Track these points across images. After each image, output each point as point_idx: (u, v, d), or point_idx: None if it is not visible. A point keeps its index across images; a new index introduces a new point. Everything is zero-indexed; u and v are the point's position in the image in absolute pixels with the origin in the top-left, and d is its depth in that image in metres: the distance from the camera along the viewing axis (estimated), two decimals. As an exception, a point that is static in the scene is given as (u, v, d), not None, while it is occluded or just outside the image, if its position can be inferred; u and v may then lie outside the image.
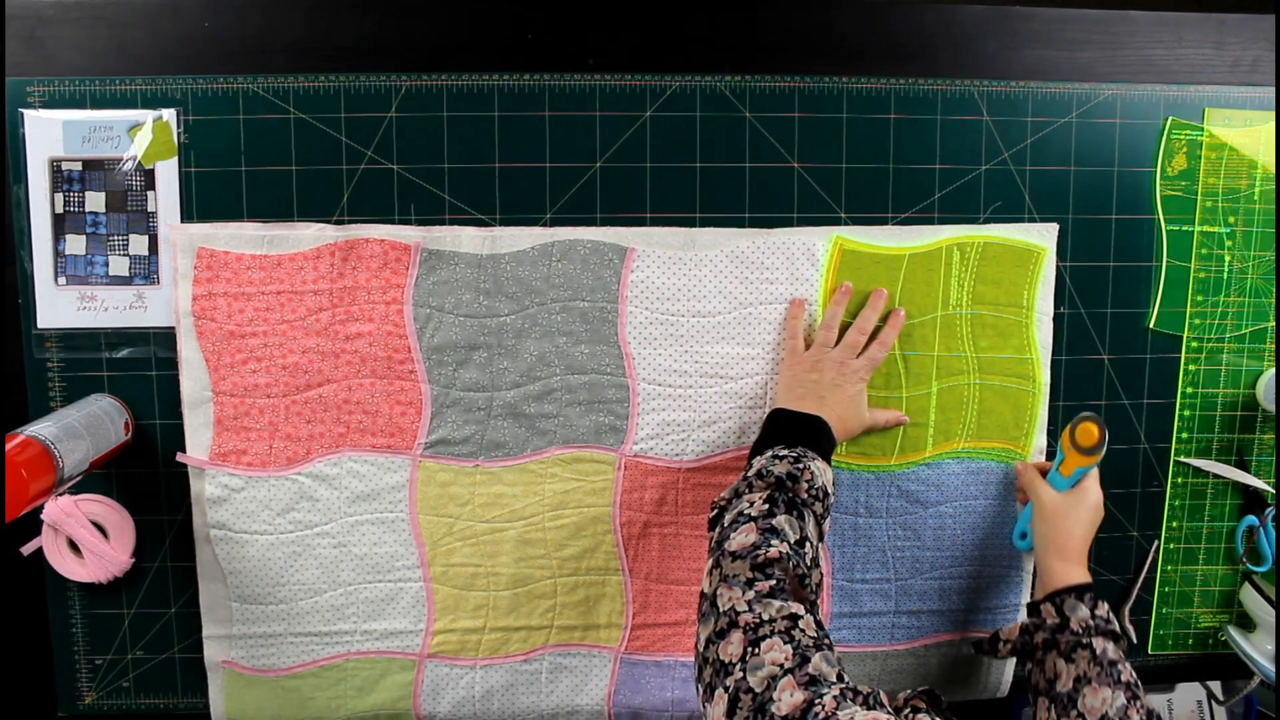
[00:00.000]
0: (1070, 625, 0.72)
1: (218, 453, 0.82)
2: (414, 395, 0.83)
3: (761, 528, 0.64)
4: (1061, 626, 0.72)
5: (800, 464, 0.69)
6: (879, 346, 0.81)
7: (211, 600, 0.84)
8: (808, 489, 0.68)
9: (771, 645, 0.56)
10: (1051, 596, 0.75)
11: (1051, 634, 0.73)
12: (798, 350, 0.82)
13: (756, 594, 0.60)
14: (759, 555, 0.62)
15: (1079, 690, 0.68)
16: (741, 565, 0.62)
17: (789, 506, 0.67)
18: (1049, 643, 0.73)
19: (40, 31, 0.79)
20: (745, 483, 0.70)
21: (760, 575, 0.61)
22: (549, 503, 0.85)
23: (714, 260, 0.83)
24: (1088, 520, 0.79)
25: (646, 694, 0.88)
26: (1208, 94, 0.87)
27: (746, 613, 0.58)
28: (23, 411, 0.81)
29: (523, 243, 0.82)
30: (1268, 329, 0.89)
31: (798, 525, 0.66)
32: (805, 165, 0.84)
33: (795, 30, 0.83)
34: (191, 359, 0.81)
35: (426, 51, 0.81)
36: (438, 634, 0.86)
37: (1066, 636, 0.72)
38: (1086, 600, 0.73)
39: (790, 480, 0.68)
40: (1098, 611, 0.72)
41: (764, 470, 0.69)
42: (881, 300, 0.83)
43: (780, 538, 0.63)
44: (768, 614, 0.58)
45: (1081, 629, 0.71)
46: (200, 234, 0.80)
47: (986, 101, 0.84)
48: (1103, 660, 0.69)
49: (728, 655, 0.57)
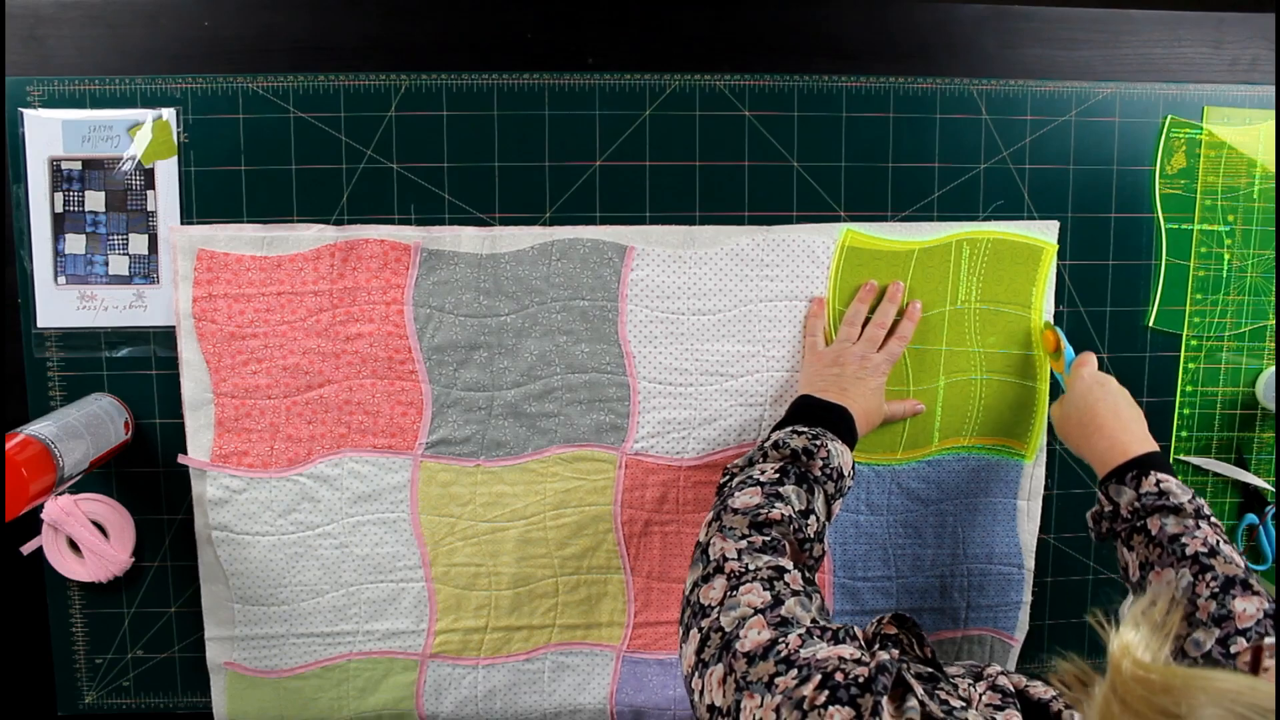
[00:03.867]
0: (1120, 512, 0.68)
1: (219, 454, 0.82)
2: (415, 395, 0.83)
3: (768, 492, 0.64)
4: (1114, 514, 0.69)
5: (818, 441, 0.68)
6: (898, 340, 0.82)
7: (214, 602, 0.84)
8: (822, 466, 0.67)
9: (750, 589, 0.55)
10: (1100, 485, 0.71)
11: (1109, 524, 0.69)
12: (818, 347, 0.82)
13: (749, 545, 0.59)
14: (760, 514, 0.62)
15: (1145, 578, 0.65)
16: (741, 520, 0.61)
17: (800, 479, 0.66)
18: (1112, 531, 0.70)
19: (40, 31, 0.79)
20: (760, 452, 0.69)
21: (756, 532, 0.60)
22: (550, 502, 0.85)
23: (714, 258, 0.83)
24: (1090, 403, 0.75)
25: (649, 692, 0.88)
26: (1207, 92, 0.87)
27: (734, 560, 0.58)
28: (23, 411, 0.81)
29: (522, 242, 0.82)
30: (1267, 327, 0.89)
31: (805, 498, 0.65)
32: (804, 164, 0.84)
33: (795, 29, 0.84)
34: (192, 360, 0.81)
35: (426, 51, 0.81)
36: (440, 634, 0.86)
37: (1120, 525, 0.68)
38: (1129, 481, 0.68)
39: (806, 455, 0.67)
40: (1144, 488, 0.67)
41: (780, 442, 0.68)
42: (899, 293, 0.83)
43: (785, 503, 0.63)
44: (754, 564, 0.57)
45: (1130, 513, 0.67)
46: (200, 235, 0.80)
47: (985, 100, 0.85)
48: (1161, 539, 0.64)
49: (708, 599, 0.56)
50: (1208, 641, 0.59)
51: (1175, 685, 0.35)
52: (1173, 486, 0.67)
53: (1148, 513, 0.66)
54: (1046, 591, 0.91)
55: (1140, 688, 0.36)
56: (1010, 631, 0.90)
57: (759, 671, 0.49)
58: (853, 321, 0.82)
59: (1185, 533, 0.64)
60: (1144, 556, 0.66)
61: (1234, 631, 0.59)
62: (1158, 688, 0.35)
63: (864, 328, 0.82)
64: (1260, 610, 0.60)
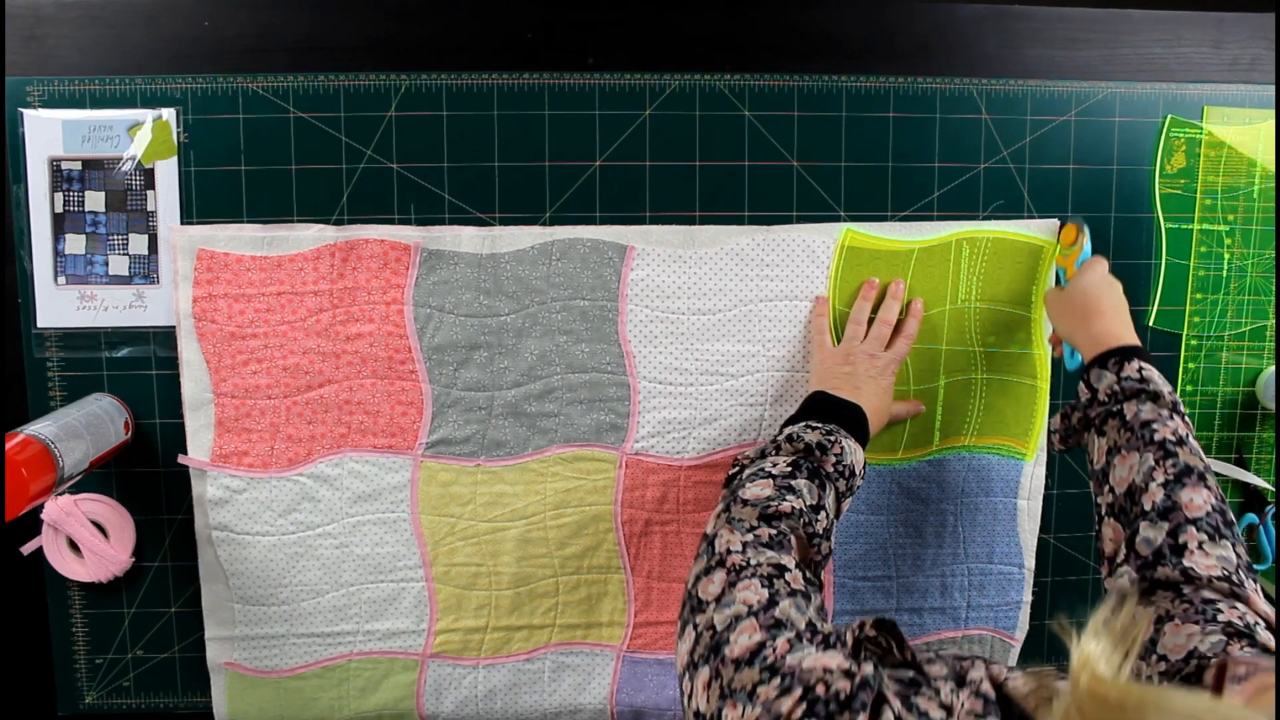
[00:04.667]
0: (1098, 397, 0.67)
1: (219, 454, 0.82)
2: (415, 395, 0.83)
3: (779, 484, 0.63)
4: (1091, 401, 0.68)
5: (832, 437, 0.68)
6: (904, 339, 0.81)
7: (214, 602, 0.84)
8: (835, 463, 0.67)
9: (748, 586, 0.54)
10: (1084, 370, 0.70)
11: (1084, 411, 0.68)
12: (826, 345, 0.82)
13: (755, 538, 0.58)
14: (770, 507, 0.60)
15: (1110, 463, 0.64)
16: (750, 512, 0.60)
17: (812, 474, 0.65)
18: (1084, 420, 0.69)
19: (40, 31, 0.79)
20: (773, 444, 0.68)
21: (765, 525, 0.59)
22: (550, 502, 0.85)
23: (714, 258, 0.83)
24: (1095, 292, 0.75)
25: (649, 692, 0.88)
26: (1207, 92, 0.87)
27: (737, 554, 0.57)
28: (23, 411, 0.81)
29: (522, 242, 0.82)
30: (1267, 327, 0.89)
31: (817, 493, 0.64)
32: (804, 164, 0.84)
33: (795, 29, 0.84)
34: (192, 360, 0.81)
35: (426, 51, 0.81)
36: (440, 634, 0.86)
37: (1095, 409, 0.67)
38: (1111, 365, 0.68)
39: (820, 450, 0.67)
40: (1125, 373, 0.67)
41: (795, 435, 0.68)
42: (901, 290, 0.83)
43: (796, 496, 0.62)
44: (757, 559, 0.56)
45: (1108, 396, 0.67)
46: (200, 235, 0.80)
47: (986, 100, 0.85)
48: (1134, 424, 0.64)
49: (706, 594, 0.55)
50: (1158, 537, 0.58)
51: (1131, 704, 0.34)
52: (1154, 375, 0.66)
53: (1126, 397, 0.66)
54: (1047, 591, 0.91)
55: (1096, 705, 0.35)
56: (1010, 631, 0.91)
57: (743, 679, 0.48)
58: (858, 320, 0.82)
59: (1158, 419, 0.63)
60: (1114, 441, 0.65)
61: (1183, 521, 0.58)
62: (1114, 705, 0.35)
63: (869, 326, 0.82)
64: (1208, 504, 0.59)
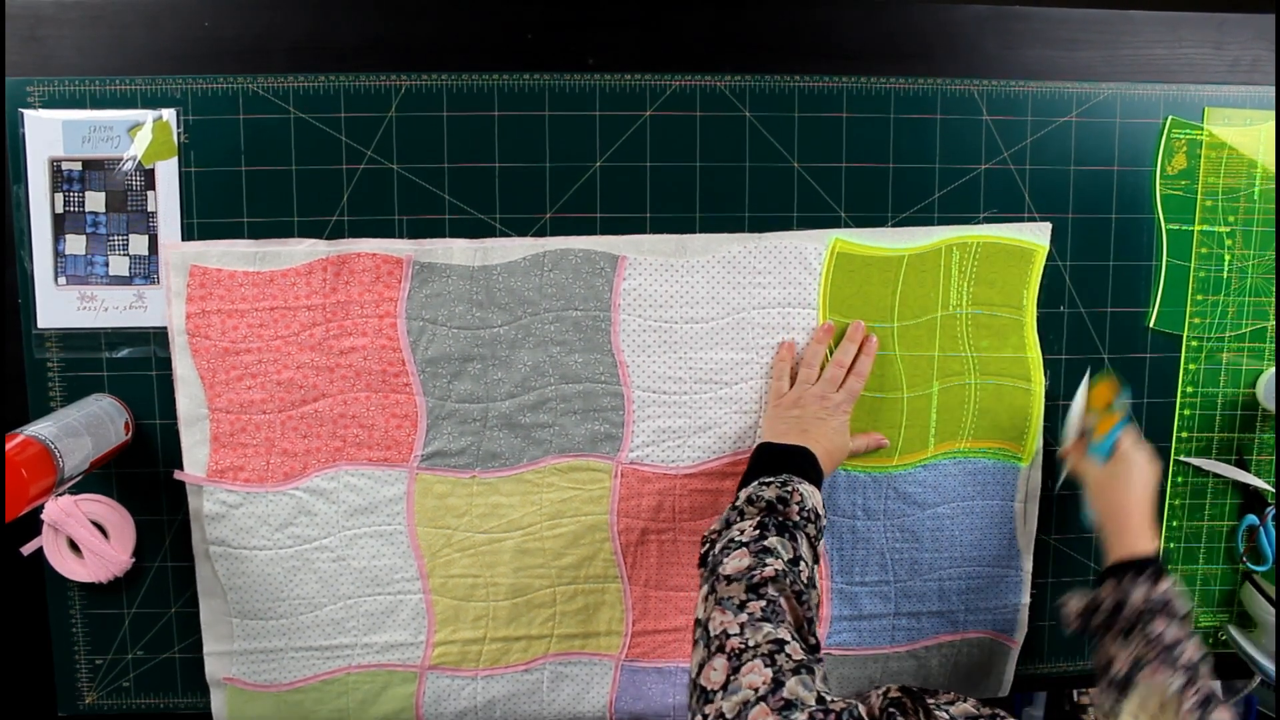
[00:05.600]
0: (1124, 611, 0.70)
1: (215, 469, 0.82)
2: (409, 408, 0.83)
3: (754, 550, 0.63)
4: (1120, 606, 0.70)
5: (788, 487, 0.69)
6: (855, 378, 0.81)
7: (212, 616, 0.84)
8: (798, 510, 0.68)
9: (752, 668, 0.55)
10: (1111, 571, 0.72)
11: (1109, 616, 0.71)
12: (781, 391, 0.82)
13: (749, 616, 0.59)
14: (754, 576, 0.61)
15: (1135, 674, 0.66)
16: (736, 587, 0.61)
17: (780, 529, 0.66)
18: (1108, 623, 0.71)
19: (40, 31, 0.79)
20: (735, 511, 0.69)
21: (754, 596, 0.60)
22: (546, 512, 0.85)
23: (706, 266, 0.83)
24: (1139, 485, 0.77)
25: (648, 701, 0.88)
26: (1207, 93, 0.87)
27: (736, 636, 0.58)
28: (23, 411, 0.81)
29: (514, 253, 0.82)
30: (1267, 328, 0.89)
31: (790, 546, 0.65)
32: (805, 165, 0.84)
33: (795, 30, 0.83)
34: (187, 376, 0.81)
35: (426, 51, 0.81)
36: (438, 645, 0.86)
37: (1120, 621, 0.69)
38: (1146, 576, 0.70)
39: (780, 503, 0.68)
40: (1157, 591, 0.69)
41: (753, 496, 0.69)
42: (859, 333, 0.83)
43: (775, 557, 0.63)
44: (755, 639, 0.57)
45: (1136, 612, 0.69)
46: (193, 252, 0.80)
47: (986, 101, 0.84)
48: (1160, 642, 0.66)
49: (711, 683, 0.56)
50: None
51: None
52: (1180, 593, 0.70)
53: (1153, 615, 0.68)
54: (1045, 593, 0.91)
55: None
56: (1010, 634, 0.90)
57: None
58: (810, 363, 0.82)
59: (1182, 641, 0.67)
60: (1140, 654, 0.67)
61: None
62: None
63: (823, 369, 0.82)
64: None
